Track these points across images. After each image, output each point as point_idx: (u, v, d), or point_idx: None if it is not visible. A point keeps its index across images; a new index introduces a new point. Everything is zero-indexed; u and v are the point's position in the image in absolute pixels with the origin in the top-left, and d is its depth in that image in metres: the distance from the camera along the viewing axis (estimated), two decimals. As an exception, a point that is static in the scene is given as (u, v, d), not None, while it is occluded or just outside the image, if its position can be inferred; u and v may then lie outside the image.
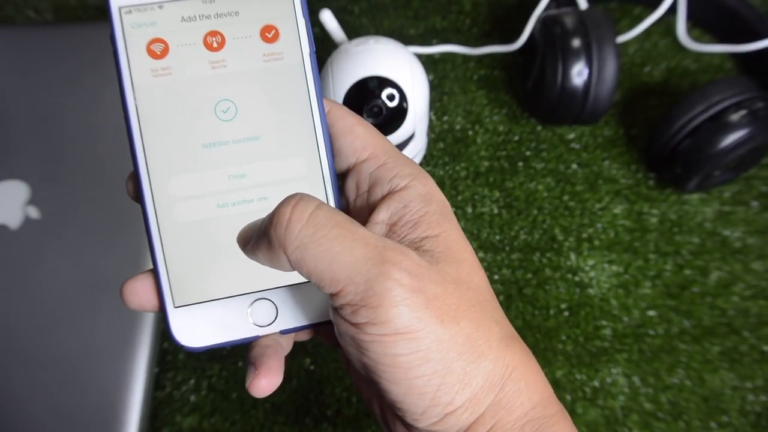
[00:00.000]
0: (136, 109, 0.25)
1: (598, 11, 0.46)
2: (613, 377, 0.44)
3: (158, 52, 0.25)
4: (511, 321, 0.38)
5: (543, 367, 0.42)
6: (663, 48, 0.53)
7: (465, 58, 0.53)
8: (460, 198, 0.49)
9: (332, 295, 0.21)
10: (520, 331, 0.38)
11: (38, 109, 0.45)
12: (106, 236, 0.42)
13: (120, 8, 0.25)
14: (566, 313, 0.46)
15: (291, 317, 0.26)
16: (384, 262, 0.21)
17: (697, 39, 0.52)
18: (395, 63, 0.42)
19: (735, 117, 0.43)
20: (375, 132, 0.26)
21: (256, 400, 0.43)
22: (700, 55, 0.53)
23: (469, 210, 0.49)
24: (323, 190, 0.26)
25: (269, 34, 0.25)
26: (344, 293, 0.21)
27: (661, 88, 0.52)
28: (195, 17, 0.25)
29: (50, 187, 0.43)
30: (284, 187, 0.26)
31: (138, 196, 0.25)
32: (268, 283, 0.25)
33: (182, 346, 0.25)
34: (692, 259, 0.47)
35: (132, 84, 0.25)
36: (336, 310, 0.22)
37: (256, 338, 0.25)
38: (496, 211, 0.49)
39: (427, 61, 0.53)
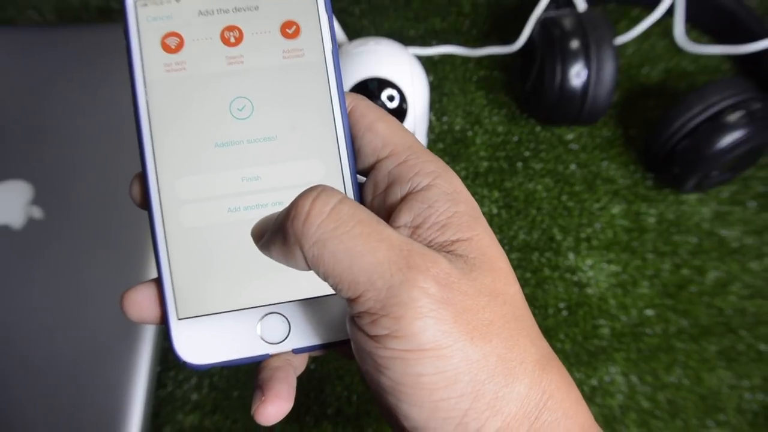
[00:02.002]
0: (147, 105, 0.24)
1: (597, 13, 0.46)
2: (612, 376, 0.44)
3: (173, 47, 0.24)
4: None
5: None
6: (661, 49, 0.54)
7: (464, 59, 0.53)
8: (459, 198, 0.49)
9: (350, 301, 0.19)
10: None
11: (41, 109, 0.45)
12: (109, 236, 0.42)
13: (136, 1, 0.24)
14: (565, 313, 0.46)
15: (305, 335, 0.24)
16: (410, 268, 0.19)
17: (695, 40, 0.52)
18: (395, 64, 0.43)
19: (732, 118, 0.43)
20: (398, 127, 0.24)
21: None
22: (698, 57, 0.53)
23: (469, 210, 0.49)
24: None
25: (290, 30, 0.24)
26: (363, 299, 0.19)
27: (659, 89, 0.52)
28: (213, 11, 0.24)
29: (53, 188, 0.43)
30: (300, 191, 0.24)
31: (144, 197, 0.24)
32: (281, 296, 0.24)
33: (185, 363, 0.23)
34: (690, 258, 0.47)
35: (144, 79, 0.24)
36: (353, 319, 0.20)
37: (266, 357, 0.24)
38: (495, 211, 0.49)
39: (426, 63, 0.53)
